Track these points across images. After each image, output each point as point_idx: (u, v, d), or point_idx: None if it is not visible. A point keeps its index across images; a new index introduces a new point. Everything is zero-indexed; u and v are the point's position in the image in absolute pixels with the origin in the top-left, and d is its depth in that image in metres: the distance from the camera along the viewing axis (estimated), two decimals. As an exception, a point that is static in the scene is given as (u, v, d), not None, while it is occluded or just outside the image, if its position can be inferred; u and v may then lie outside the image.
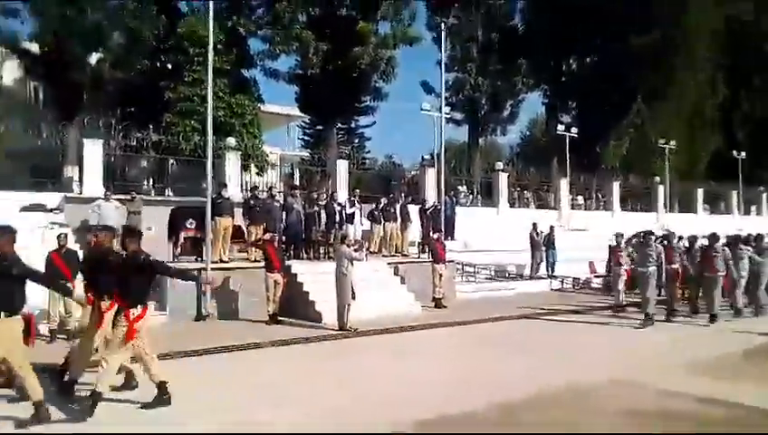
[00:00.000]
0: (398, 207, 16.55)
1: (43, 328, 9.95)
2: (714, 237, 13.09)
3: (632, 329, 11.82)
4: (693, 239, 14.11)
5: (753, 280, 13.38)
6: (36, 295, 10.01)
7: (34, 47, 21.66)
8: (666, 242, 13.78)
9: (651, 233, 12.87)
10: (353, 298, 11.21)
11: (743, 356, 9.65)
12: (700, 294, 13.45)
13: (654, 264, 12.09)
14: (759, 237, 14.28)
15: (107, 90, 22.06)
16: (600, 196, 28.46)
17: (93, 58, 22.04)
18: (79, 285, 10.15)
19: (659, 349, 10.25)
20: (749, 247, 13.70)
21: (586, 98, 32.09)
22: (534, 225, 18.58)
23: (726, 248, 13.05)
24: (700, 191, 31.43)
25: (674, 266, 13.06)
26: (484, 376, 8.29)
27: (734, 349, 10.01)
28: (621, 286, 14.12)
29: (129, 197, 14.68)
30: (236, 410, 6.64)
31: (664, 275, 12.48)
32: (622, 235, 14.66)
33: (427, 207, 18.04)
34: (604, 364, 8.85)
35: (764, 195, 34.41)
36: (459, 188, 23.87)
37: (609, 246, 15.04)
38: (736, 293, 13.14)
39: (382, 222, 15.98)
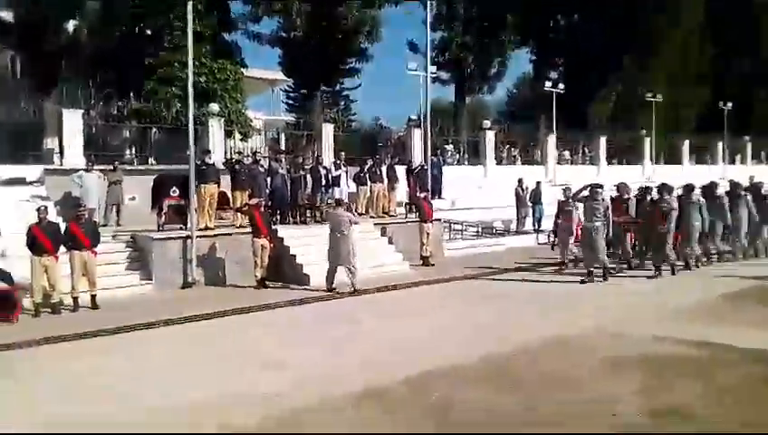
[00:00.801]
0: (384, 168, 16.46)
1: (27, 302, 9.91)
2: (663, 188, 12.64)
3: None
4: (644, 191, 13.53)
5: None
6: (20, 270, 10.03)
7: (8, 15, 21.09)
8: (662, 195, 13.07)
9: (599, 186, 12.20)
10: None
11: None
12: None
13: (600, 219, 11.60)
14: (712, 185, 13.98)
15: (85, 57, 21.60)
16: (586, 151, 28.42)
17: (70, 25, 21.52)
18: (61, 257, 10.17)
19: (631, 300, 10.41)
20: (699, 196, 13.23)
21: (573, 54, 31.73)
22: (520, 181, 18.56)
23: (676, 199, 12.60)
24: (686, 143, 31.45)
25: (622, 220, 12.59)
26: (472, 331, 8.39)
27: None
28: (570, 242, 13.38)
29: (110, 167, 14.50)
30: (226, 378, 6.68)
31: (611, 229, 11.94)
32: (570, 188, 13.82)
33: (413, 167, 17.96)
34: (588, 315, 8.98)
35: (749, 144, 34.50)
36: (446, 147, 23.74)
37: (558, 201, 13.90)
38: (691, 244, 12.89)
39: (368, 183, 15.90)
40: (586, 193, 12.24)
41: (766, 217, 14.46)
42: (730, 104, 31.94)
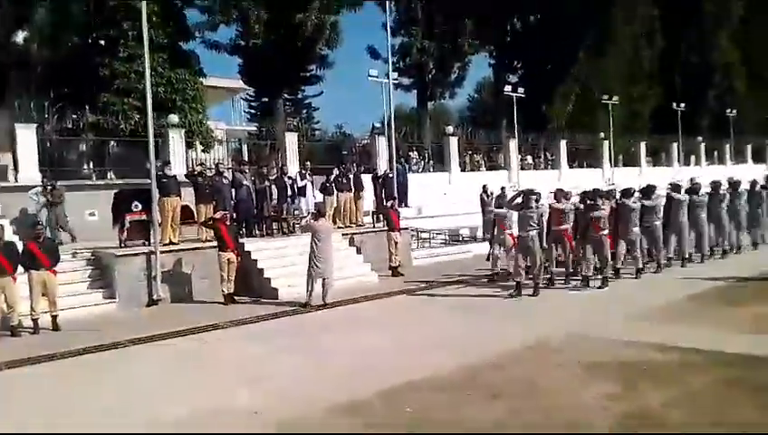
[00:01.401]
0: (351, 177, 16.41)
1: (-15, 325, 9.52)
2: (594, 193, 12.15)
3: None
4: (590, 195, 12.41)
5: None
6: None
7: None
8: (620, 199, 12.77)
9: (532, 192, 11.35)
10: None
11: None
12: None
13: (535, 228, 10.93)
14: (649, 189, 13.29)
15: (36, 70, 20.91)
16: (548, 155, 28.95)
17: (19, 37, 20.81)
18: (20, 277, 9.81)
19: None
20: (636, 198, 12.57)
21: (531, 57, 32.27)
22: (484, 186, 18.74)
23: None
24: (643, 145, 32.35)
25: (561, 228, 11.85)
26: (445, 340, 8.40)
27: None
28: (498, 252, 12.58)
29: (47, 185, 13.83)
30: (198, 396, 6.53)
31: (545, 238, 11.43)
32: (504, 195, 13.45)
33: (379, 174, 17.96)
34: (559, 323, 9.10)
35: (702, 145, 35.69)
36: (411, 154, 23.85)
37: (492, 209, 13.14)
38: (635, 252, 12.24)
39: (335, 193, 15.83)
40: (519, 200, 11.42)
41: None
42: (683, 105, 33.00)
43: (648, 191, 13.11)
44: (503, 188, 14.94)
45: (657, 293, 10.84)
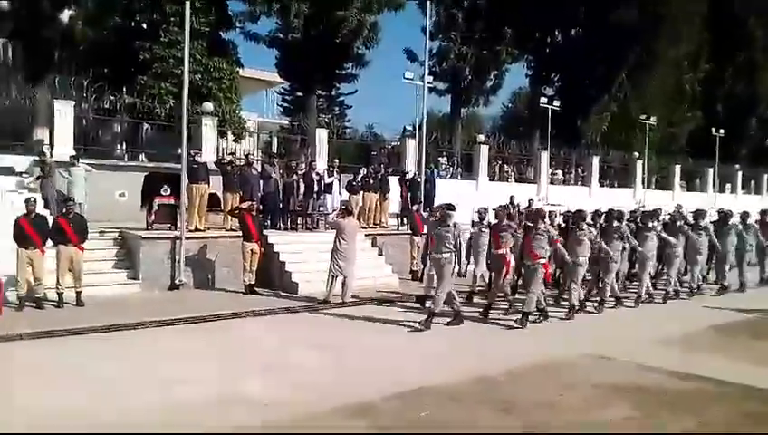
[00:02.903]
0: (378, 177, 16.38)
1: (12, 295, 9.70)
2: (577, 216, 10.77)
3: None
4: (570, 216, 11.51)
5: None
6: (4, 263, 9.83)
7: (3, 2, 20.78)
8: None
9: (452, 208, 9.70)
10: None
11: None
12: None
13: (451, 250, 9.38)
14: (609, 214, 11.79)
15: (79, 49, 21.35)
16: (579, 171, 28.57)
17: (65, 15, 21.24)
18: (48, 251, 9.98)
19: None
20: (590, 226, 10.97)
21: (569, 71, 31.89)
22: (511, 198, 18.51)
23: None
24: (677, 168, 31.73)
25: (500, 252, 10.30)
26: (460, 351, 8.30)
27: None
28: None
29: (41, 157, 13.27)
30: (211, 384, 6.55)
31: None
32: (486, 209, 12.25)
33: (407, 177, 17.88)
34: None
35: (739, 173, 34.89)
36: (440, 159, 23.74)
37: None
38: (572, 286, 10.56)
39: (361, 193, 15.81)
40: (438, 215, 9.94)
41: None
42: (722, 131, 32.34)
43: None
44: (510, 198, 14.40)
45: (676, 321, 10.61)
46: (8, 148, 15.06)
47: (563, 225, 11.89)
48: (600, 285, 11.13)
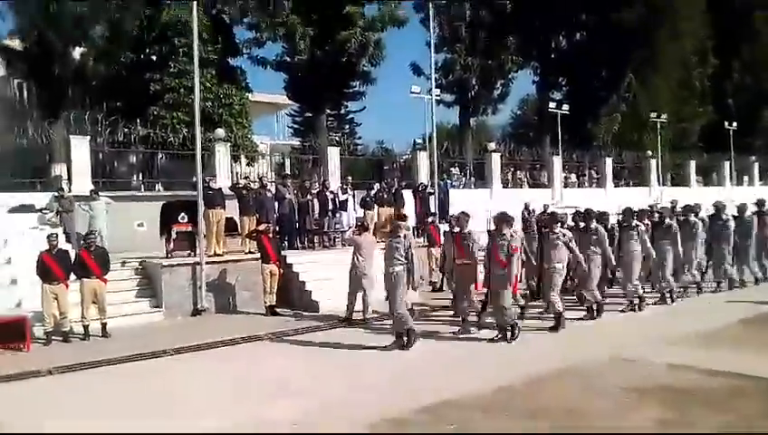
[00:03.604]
0: (392, 191, 16.47)
1: (39, 331, 9.85)
2: (552, 218, 10.12)
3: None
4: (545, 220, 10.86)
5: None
6: (30, 298, 10.00)
7: (16, 43, 21.34)
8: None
9: (402, 218, 9.25)
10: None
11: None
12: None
13: (401, 262, 8.60)
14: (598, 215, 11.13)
15: (91, 84, 21.83)
16: (593, 173, 28.44)
17: (76, 52, 21.76)
18: (72, 285, 10.13)
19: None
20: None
21: (576, 74, 31.94)
22: (526, 204, 18.45)
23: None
24: (692, 164, 31.48)
25: (465, 262, 9.57)
26: (484, 359, 8.27)
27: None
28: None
29: (59, 193, 13.57)
30: (244, 405, 6.59)
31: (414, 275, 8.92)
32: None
33: (421, 187, 17.94)
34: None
35: (756, 164, 34.52)
36: (452, 170, 23.78)
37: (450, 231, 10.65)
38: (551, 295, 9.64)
39: (375, 208, 15.88)
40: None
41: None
42: (735, 124, 32.04)
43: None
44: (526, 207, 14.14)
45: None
46: (28, 185, 15.37)
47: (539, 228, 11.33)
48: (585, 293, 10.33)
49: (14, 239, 11.94)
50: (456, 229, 9.94)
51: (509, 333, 8.92)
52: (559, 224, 10.00)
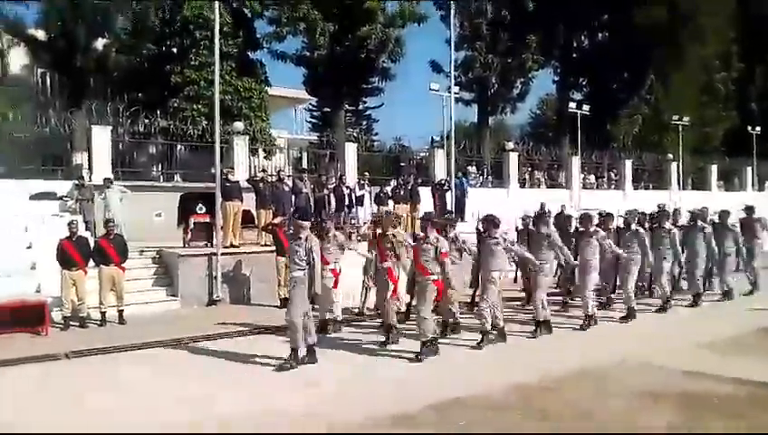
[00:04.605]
0: (408, 188, 16.44)
1: (57, 315, 10.00)
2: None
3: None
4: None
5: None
6: (49, 284, 10.16)
7: (40, 34, 21.64)
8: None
9: (305, 217, 8.45)
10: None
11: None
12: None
13: (302, 267, 7.59)
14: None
15: (113, 75, 22.06)
16: (612, 175, 28.15)
17: (99, 44, 22.01)
18: (90, 271, 10.26)
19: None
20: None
21: (597, 74, 31.63)
22: (542, 205, 18.26)
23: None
24: (714, 168, 31.02)
25: (385, 265, 8.91)
26: (497, 358, 8.24)
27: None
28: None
29: (79, 182, 13.69)
30: (254, 396, 6.64)
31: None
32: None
33: (436, 183, 17.90)
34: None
35: (779, 170, 33.94)
36: (469, 168, 23.66)
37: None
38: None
39: (392, 204, 15.87)
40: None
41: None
42: (758, 129, 31.51)
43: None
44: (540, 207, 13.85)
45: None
46: (49, 173, 15.59)
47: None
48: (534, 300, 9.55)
49: (35, 226, 12.11)
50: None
51: (424, 348, 7.86)
52: (495, 227, 8.78)
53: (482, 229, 9.15)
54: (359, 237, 13.48)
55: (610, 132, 30.95)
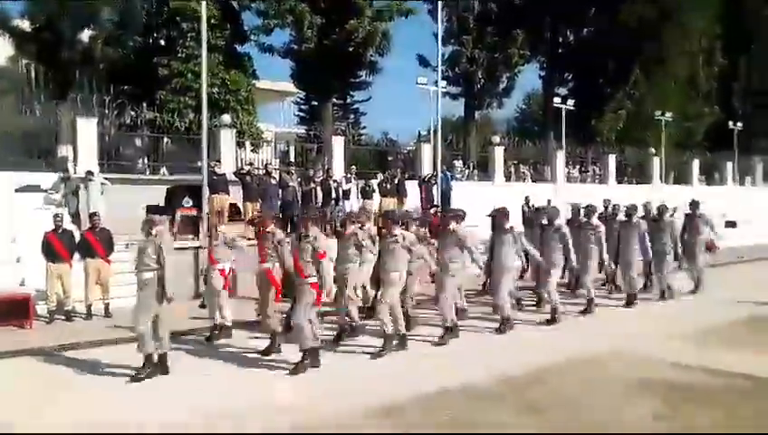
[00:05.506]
0: (395, 182, 16.55)
1: (41, 309, 10.01)
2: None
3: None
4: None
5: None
6: (34, 276, 10.16)
7: (25, 25, 21.44)
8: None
9: (157, 212, 7.86)
10: None
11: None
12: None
13: (151, 267, 7.24)
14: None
15: (99, 67, 21.92)
16: (596, 169, 28.46)
17: (85, 35, 21.85)
18: (76, 265, 10.27)
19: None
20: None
21: (582, 70, 31.90)
22: (527, 198, 18.39)
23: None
24: (696, 163, 31.45)
25: (264, 267, 8.46)
26: (479, 353, 8.40)
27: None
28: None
29: (64, 175, 13.46)
30: (240, 390, 6.73)
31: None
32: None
33: (424, 176, 18.02)
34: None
35: (759, 165, 34.46)
36: (455, 162, 23.82)
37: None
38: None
39: (379, 198, 15.97)
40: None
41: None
42: (740, 124, 31.95)
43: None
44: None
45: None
46: (34, 165, 15.50)
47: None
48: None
49: (20, 218, 12.06)
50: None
51: (305, 360, 7.22)
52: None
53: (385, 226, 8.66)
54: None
55: (595, 127, 31.24)
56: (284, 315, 8.54)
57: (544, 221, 10.73)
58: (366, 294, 10.23)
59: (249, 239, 12.95)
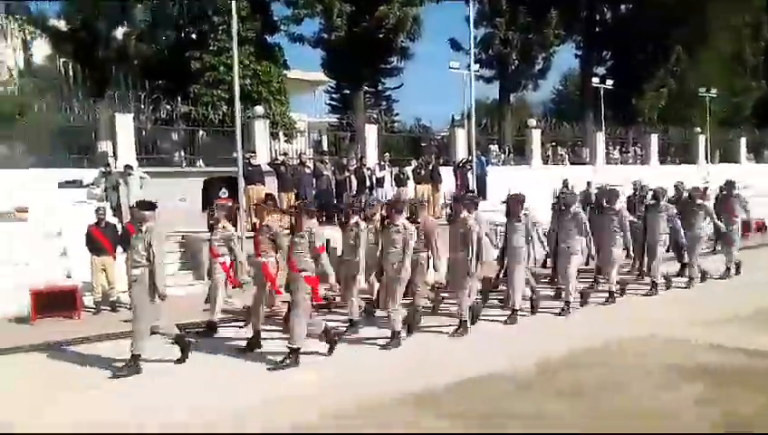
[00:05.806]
0: (429, 168, 16.38)
1: (88, 300, 10.23)
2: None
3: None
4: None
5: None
6: (80, 268, 10.39)
7: (62, 24, 21.91)
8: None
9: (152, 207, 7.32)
10: None
11: None
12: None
13: (142, 264, 6.99)
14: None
15: (134, 64, 22.29)
16: (637, 150, 27.70)
17: (119, 33, 22.21)
18: (120, 257, 10.45)
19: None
20: None
21: (621, 48, 30.99)
22: (565, 181, 17.99)
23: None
24: (743, 140, 30.33)
25: (260, 260, 8.37)
26: (516, 339, 8.24)
27: None
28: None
29: (105, 170, 13.68)
30: (275, 381, 6.74)
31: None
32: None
33: (458, 161, 17.81)
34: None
35: (811, 141, 33.11)
36: (491, 147, 23.49)
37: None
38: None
39: (413, 184, 15.85)
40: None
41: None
42: (789, 99, 30.74)
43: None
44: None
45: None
46: (75, 161, 15.88)
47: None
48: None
49: (64, 213, 12.35)
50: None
51: (288, 358, 7.00)
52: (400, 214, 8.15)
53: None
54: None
55: (635, 107, 30.38)
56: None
57: (566, 206, 9.97)
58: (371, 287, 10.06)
59: (286, 229, 13.04)
